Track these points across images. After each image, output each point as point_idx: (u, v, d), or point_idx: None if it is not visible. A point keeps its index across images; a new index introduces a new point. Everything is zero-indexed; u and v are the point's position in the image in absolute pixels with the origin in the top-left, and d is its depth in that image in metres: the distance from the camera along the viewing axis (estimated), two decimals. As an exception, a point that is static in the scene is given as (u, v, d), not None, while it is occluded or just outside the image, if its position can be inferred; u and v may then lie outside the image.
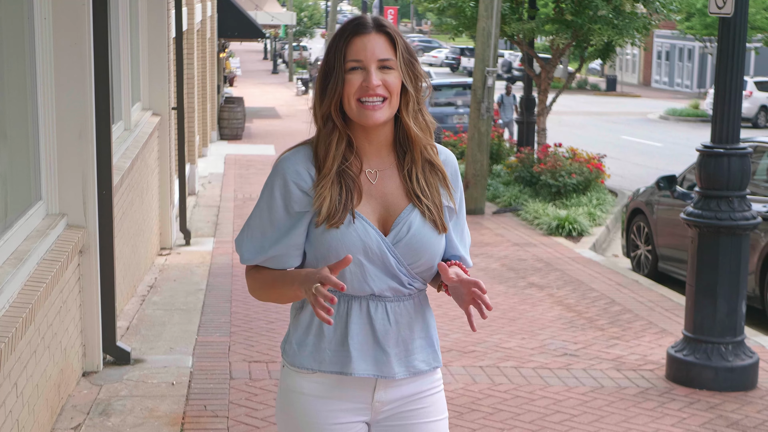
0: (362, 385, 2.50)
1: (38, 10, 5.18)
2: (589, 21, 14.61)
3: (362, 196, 2.47)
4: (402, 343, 2.50)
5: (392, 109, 2.45)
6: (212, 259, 9.28)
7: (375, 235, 2.44)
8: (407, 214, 2.47)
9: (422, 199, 2.48)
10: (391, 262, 2.45)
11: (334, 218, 2.42)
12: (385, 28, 2.46)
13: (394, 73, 2.43)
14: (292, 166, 2.47)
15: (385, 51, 2.43)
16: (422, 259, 2.48)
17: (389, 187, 2.49)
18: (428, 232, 2.47)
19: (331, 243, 2.43)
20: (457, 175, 2.59)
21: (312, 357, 2.48)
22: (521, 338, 6.99)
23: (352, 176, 2.46)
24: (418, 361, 2.52)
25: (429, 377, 2.56)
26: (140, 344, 6.38)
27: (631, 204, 10.63)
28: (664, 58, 51.08)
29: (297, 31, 60.84)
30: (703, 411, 5.57)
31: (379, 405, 2.53)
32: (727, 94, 5.83)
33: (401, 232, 2.46)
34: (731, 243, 5.93)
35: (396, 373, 2.49)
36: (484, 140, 13.35)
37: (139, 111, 9.02)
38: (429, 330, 2.56)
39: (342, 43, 2.45)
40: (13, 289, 4.20)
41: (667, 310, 7.96)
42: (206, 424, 5.05)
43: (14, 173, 4.97)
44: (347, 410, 2.51)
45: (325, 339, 2.48)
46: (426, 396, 2.56)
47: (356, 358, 2.46)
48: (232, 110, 22.64)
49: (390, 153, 2.51)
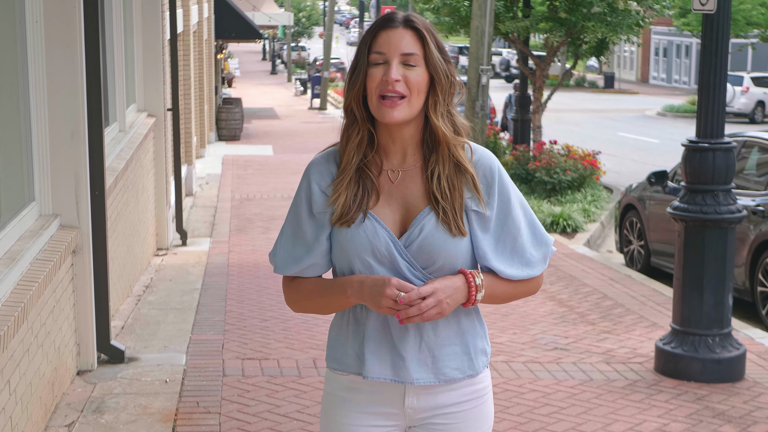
0: (392, 390, 2.45)
1: (30, 14, 5.25)
2: (583, 18, 14.68)
3: (381, 197, 2.41)
4: (426, 348, 2.43)
5: (412, 109, 2.36)
6: (208, 259, 9.35)
7: (385, 236, 2.38)
8: (423, 217, 2.39)
9: (440, 201, 2.38)
10: (400, 264, 2.38)
11: (347, 216, 2.39)
12: (413, 23, 2.37)
13: (418, 70, 2.35)
14: (316, 167, 2.45)
15: (410, 46, 2.35)
16: (437, 263, 2.39)
17: (411, 188, 2.42)
18: (441, 236, 2.37)
19: (341, 241, 2.40)
20: (495, 177, 2.43)
21: (336, 357, 2.49)
22: (513, 333, 7.06)
23: (371, 176, 2.41)
24: (449, 368, 2.44)
25: (467, 387, 2.48)
26: (135, 343, 6.46)
27: (624, 200, 10.70)
28: (662, 54, 51.16)
29: (295, 31, 60.90)
30: (690, 402, 5.65)
31: (412, 412, 2.47)
32: (711, 89, 5.90)
33: (413, 235, 2.38)
34: (717, 236, 6.00)
35: (416, 378, 2.42)
36: (478, 138, 13.42)
37: (134, 112, 9.10)
38: (464, 336, 2.46)
39: (369, 37, 2.38)
40: (5, 289, 4.28)
41: (659, 304, 8.03)
42: (198, 420, 5.13)
43: (7, 174, 5.04)
44: (380, 414, 2.48)
45: (350, 340, 2.46)
46: (463, 411, 2.48)
47: (370, 361, 2.42)
48: (230, 111, 22.72)
49: (416, 153, 2.43)
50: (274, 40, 60.06)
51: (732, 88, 30.81)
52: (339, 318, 2.51)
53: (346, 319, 2.48)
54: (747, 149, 9.00)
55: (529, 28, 15.38)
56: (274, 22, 33.76)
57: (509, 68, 48.25)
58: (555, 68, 38.97)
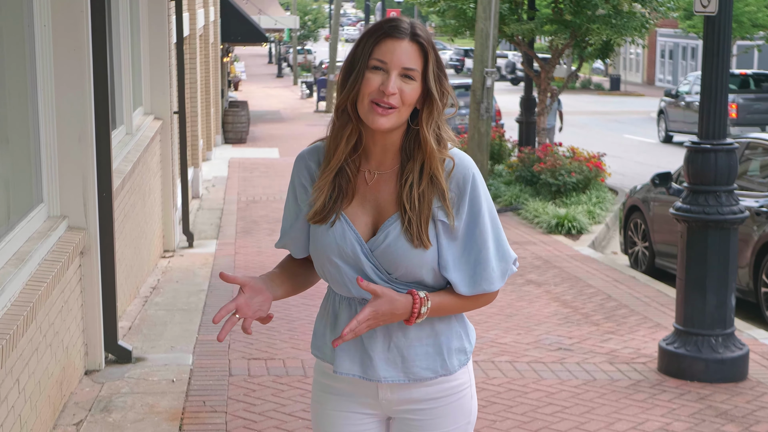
0: (363, 383, 2.53)
1: (38, 18, 5.32)
2: (588, 21, 14.71)
3: (354, 197, 2.46)
4: (395, 348, 2.48)
5: (400, 119, 2.39)
6: (215, 261, 9.41)
7: (352, 238, 2.44)
8: (390, 224, 2.44)
9: (407, 211, 2.41)
10: (365, 267, 2.44)
11: (320, 215, 2.46)
12: (419, 38, 2.39)
13: (414, 84, 2.38)
14: (302, 161, 2.53)
15: (412, 60, 2.37)
16: (399, 270, 2.44)
17: (384, 191, 2.46)
18: (403, 245, 2.41)
19: (314, 238, 2.49)
20: (467, 188, 2.43)
21: (318, 345, 2.59)
22: (517, 334, 7.10)
23: (348, 175, 2.45)
24: (419, 368, 2.49)
25: (442, 384, 2.52)
26: (142, 343, 6.51)
27: (628, 201, 10.73)
28: (668, 56, 51.12)
29: (301, 34, 60.97)
30: (693, 402, 5.68)
31: (387, 403, 2.54)
32: (713, 91, 5.94)
33: (378, 240, 2.44)
34: (719, 237, 6.04)
35: (384, 377, 2.48)
36: (483, 140, 13.47)
37: (141, 115, 9.17)
38: (437, 337, 2.50)
39: (372, 41, 2.39)
40: (14, 289, 4.34)
41: (663, 305, 8.06)
42: (205, 419, 5.18)
43: (16, 176, 5.11)
44: (359, 403, 2.56)
45: (328, 331, 2.55)
46: (437, 407, 2.53)
47: (340, 357, 2.50)
48: (237, 114, 22.78)
49: (395, 157, 2.46)
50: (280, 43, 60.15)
51: (738, 90, 30.75)
52: (323, 307, 2.60)
53: (328, 309, 2.58)
54: (751, 151, 9.03)
55: (534, 30, 15.42)
56: (280, 26, 33.88)
57: (515, 71, 48.26)
58: (561, 70, 38.98)
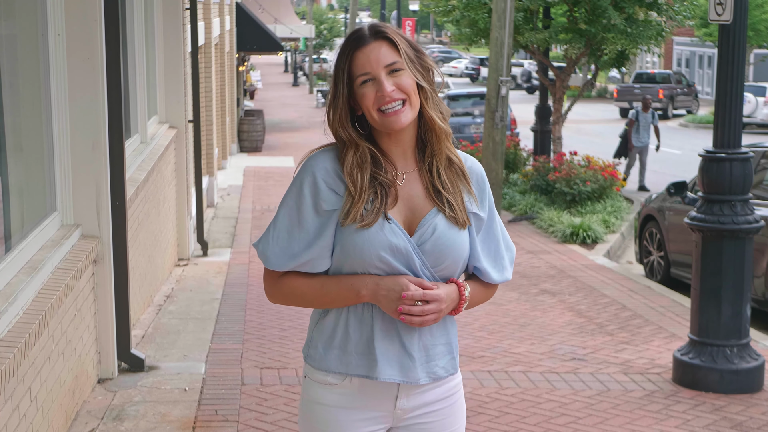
0: (385, 392, 2.50)
1: (52, 27, 5.34)
2: (603, 30, 14.68)
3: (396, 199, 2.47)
4: (423, 348, 2.49)
5: (414, 109, 2.44)
6: (229, 270, 9.41)
7: (402, 235, 2.44)
8: (432, 217, 2.46)
9: (442, 193, 2.47)
10: (416, 263, 2.44)
11: (366, 220, 2.42)
12: (383, 34, 2.44)
13: (405, 74, 2.43)
14: (321, 164, 2.48)
15: (390, 55, 2.43)
16: (447, 260, 2.47)
17: (414, 190, 2.49)
18: (452, 232, 2.47)
19: (361, 243, 2.42)
20: (486, 184, 2.57)
21: (339, 360, 2.48)
22: (531, 343, 7.07)
23: (389, 182, 2.46)
24: (438, 367, 2.52)
25: (448, 383, 2.57)
26: (155, 352, 6.52)
27: (644, 210, 10.69)
28: (684, 65, 50.95)
29: (317, 43, 61.09)
30: (708, 413, 5.64)
31: (401, 412, 2.53)
32: (727, 99, 5.91)
33: (425, 234, 2.45)
34: (734, 246, 5.99)
35: (419, 378, 2.49)
36: (498, 149, 13.43)
37: (155, 124, 9.19)
38: (449, 336, 2.55)
39: (344, 61, 2.45)
40: (27, 297, 4.34)
41: (678, 315, 8.01)
42: (217, 428, 5.17)
43: (30, 185, 5.12)
44: (370, 419, 2.51)
45: (351, 342, 2.47)
46: (445, 407, 2.57)
47: (382, 363, 2.45)
48: (252, 123, 22.83)
49: (414, 154, 2.51)
50: (295, 52, 60.26)
51: (755, 99, 30.65)
52: (333, 321, 2.50)
53: (344, 321, 2.48)
54: (766, 160, 8.97)
55: (549, 39, 15.40)
56: (295, 35, 33.92)
57: (530, 79, 48.16)
58: (576, 79, 38.89)
